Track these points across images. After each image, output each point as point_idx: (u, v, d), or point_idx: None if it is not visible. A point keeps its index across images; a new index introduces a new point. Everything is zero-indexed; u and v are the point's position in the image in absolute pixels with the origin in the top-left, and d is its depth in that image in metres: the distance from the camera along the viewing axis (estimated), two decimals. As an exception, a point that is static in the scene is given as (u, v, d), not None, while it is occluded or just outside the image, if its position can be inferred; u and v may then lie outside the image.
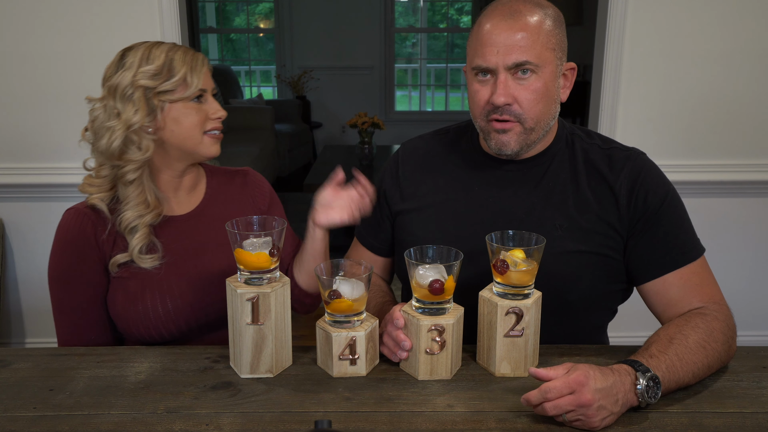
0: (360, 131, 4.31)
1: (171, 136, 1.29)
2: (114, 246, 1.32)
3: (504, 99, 1.21)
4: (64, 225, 1.32)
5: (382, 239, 1.46)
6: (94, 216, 1.31)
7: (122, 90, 1.26)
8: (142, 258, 1.30)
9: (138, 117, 1.25)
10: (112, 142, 1.26)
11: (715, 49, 2.36)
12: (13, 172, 2.44)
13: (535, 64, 1.20)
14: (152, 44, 1.29)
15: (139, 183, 1.30)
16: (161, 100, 1.26)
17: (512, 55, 1.20)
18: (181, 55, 1.28)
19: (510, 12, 1.22)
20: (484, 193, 1.33)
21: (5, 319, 2.58)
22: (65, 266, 1.32)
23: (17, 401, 1.10)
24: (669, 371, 1.07)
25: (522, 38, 1.20)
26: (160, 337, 1.33)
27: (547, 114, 1.25)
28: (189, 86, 1.27)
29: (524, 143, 1.26)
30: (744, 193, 2.50)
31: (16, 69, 2.36)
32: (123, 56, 1.29)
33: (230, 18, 7.26)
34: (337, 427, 1.02)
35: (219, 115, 1.32)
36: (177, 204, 1.39)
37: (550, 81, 1.23)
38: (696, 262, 1.25)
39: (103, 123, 1.27)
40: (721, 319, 1.18)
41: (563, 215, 1.28)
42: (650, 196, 1.26)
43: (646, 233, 1.26)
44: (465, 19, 7.08)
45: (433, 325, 1.12)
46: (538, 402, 1.00)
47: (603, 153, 1.31)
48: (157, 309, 1.31)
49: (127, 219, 1.29)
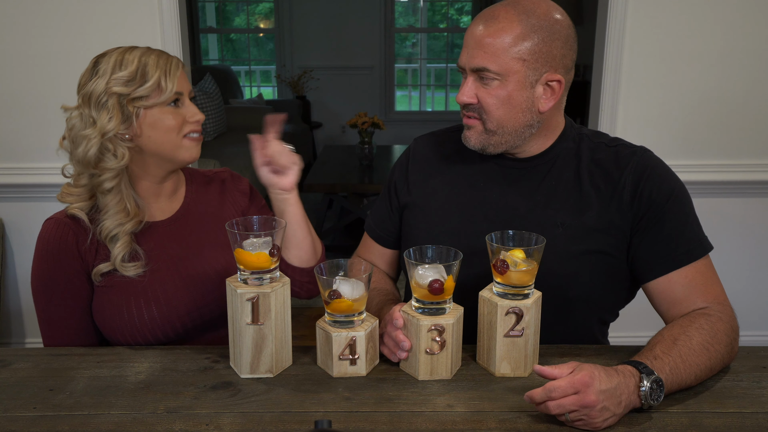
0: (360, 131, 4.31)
1: (148, 142, 1.28)
2: (96, 255, 1.30)
3: (465, 99, 1.26)
4: (44, 235, 1.30)
5: (390, 231, 1.47)
6: (74, 225, 1.29)
7: (96, 97, 1.24)
8: (125, 266, 1.28)
9: (112, 124, 1.23)
10: (87, 150, 1.24)
11: (715, 49, 2.36)
12: (13, 172, 2.44)
13: (496, 72, 1.22)
14: (125, 49, 1.28)
15: (118, 191, 1.28)
16: (136, 106, 1.25)
17: (476, 59, 1.23)
18: (155, 59, 1.26)
19: (490, 16, 1.23)
20: (488, 190, 1.34)
21: (5, 319, 2.58)
22: (47, 276, 1.30)
23: (17, 401, 1.10)
24: (672, 373, 1.07)
25: (488, 45, 1.21)
26: (156, 341, 1.32)
27: (513, 121, 1.26)
28: (163, 91, 1.25)
29: (486, 143, 1.29)
30: (744, 193, 2.50)
31: (15, 69, 2.36)
32: (96, 63, 1.27)
33: (230, 18, 7.26)
34: (337, 427, 1.02)
35: (197, 118, 1.30)
36: (158, 210, 1.37)
37: (516, 90, 1.23)
38: (701, 260, 1.25)
39: (79, 131, 1.26)
40: (725, 320, 1.18)
41: (565, 214, 1.28)
42: (655, 192, 1.25)
43: (650, 230, 1.25)
44: (465, 19, 7.08)
45: (432, 325, 1.12)
46: (541, 400, 1.00)
47: (609, 150, 1.32)
48: (143, 316, 1.29)
49: (107, 228, 1.27)
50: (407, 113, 7.08)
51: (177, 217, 1.38)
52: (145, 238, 1.33)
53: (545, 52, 1.22)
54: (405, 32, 7.14)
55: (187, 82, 1.32)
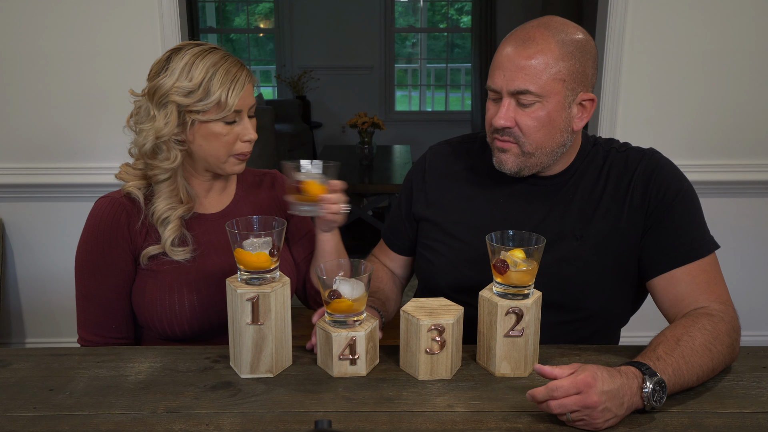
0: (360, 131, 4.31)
1: (199, 150, 1.30)
2: (146, 237, 1.32)
3: (503, 122, 1.24)
4: (97, 213, 1.32)
5: (404, 238, 1.49)
6: (129, 205, 1.32)
7: (159, 96, 1.26)
8: (174, 250, 1.31)
9: (168, 129, 1.26)
10: (144, 143, 1.28)
11: (715, 50, 2.36)
12: (13, 172, 2.44)
13: (538, 94, 1.21)
14: (199, 52, 1.26)
15: (173, 181, 1.31)
16: (193, 117, 1.26)
17: (516, 82, 1.21)
18: (222, 74, 1.25)
19: (525, 38, 1.22)
20: (509, 207, 1.35)
21: (5, 319, 2.58)
22: (96, 254, 1.32)
23: (17, 401, 1.10)
24: (675, 374, 1.07)
25: (528, 66, 1.20)
26: (192, 332, 1.33)
27: (551, 141, 1.26)
28: (222, 108, 1.25)
29: (523, 165, 1.28)
30: (744, 193, 2.50)
31: (15, 69, 2.36)
32: (169, 59, 1.27)
33: (230, 18, 7.26)
34: (337, 427, 1.02)
35: (249, 138, 1.31)
36: (209, 203, 1.40)
37: (555, 111, 1.23)
38: (705, 259, 1.25)
39: (141, 121, 1.29)
40: (727, 321, 1.18)
41: (582, 225, 1.29)
42: (663, 191, 1.27)
43: (658, 227, 1.26)
44: (465, 19, 7.07)
45: (432, 324, 1.12)
46: (543, 399, 1.00)
47: (620, 156, 1.33)
48: (183, 304, 1.31)
49: (159, 210, 1.30)
50: (407, 113, 7.08)
51: (226, 213, 1.40)
52: (194, 227, 1.35)
53: (581, 72, 1.23)
54: (405, 32, 7.13)
55: (250, 97, 1.31)
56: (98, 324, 1.34)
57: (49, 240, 2.50)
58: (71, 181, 2.40)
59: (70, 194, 2.43)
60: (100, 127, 2.41)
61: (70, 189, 2.42)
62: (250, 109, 1.32)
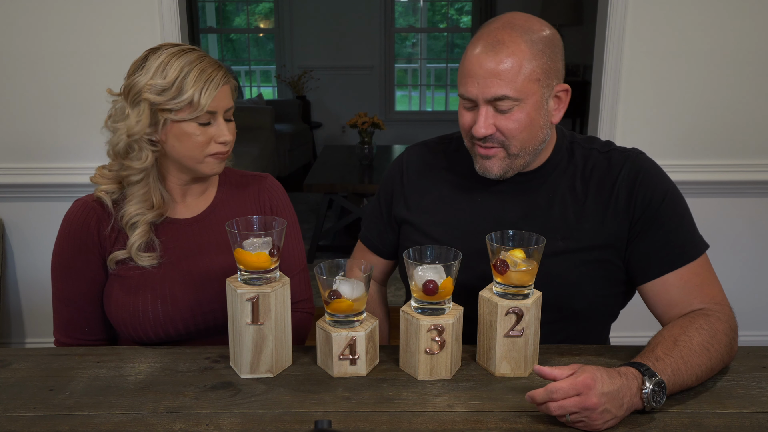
0: (360, 131, 4.31)
1: (172, 151, 1.28)
2: (115, 242, 1.32)
3: (484, 131, 1.22)
4: (69, 216, 1.33)
5: (385, 242, 1.47)
6: (99, 209, 1.32)
7: (133, 94, 1.25)
8: (140, 255, 1.30)
9: (139, 127, 1.24)
10: (117, 143, 1.27)
11: (715, 50, 2.36)
12: (13, 172, 2.44)
13: (515, 98, 1.19)
14: (176, 52, 1.25)
15: (145, 183, 1.30)
16: (165, 116, 1.24)
17: (491, 89, 1.19)
18: (196, 73, 1.23)
19: (494, 42, 1.19)
20: (487, 206, 1.33)
21: (5, 319, 2.58)
22: (67, 256, 1.33)
23: (17, 401, 1.10)
24: (674, 374, 1.07)
25: (502, 72, 1.18)
26: (157, 338, 1.32)
27: (533, 140, 1.25)
28: (195, 108, 1.23)
29: (509, 167, 1.27)
30: (743, 193, 2.50)
31: (15, 69, 2.36)
32: (146, 58, 1.26)
33: (230, 18, 7.26)
34: (337, 427, 1.02)
35: (224, 140, 1.28)
36: (184, 207, 1.38)
37: (534, 110, 1.22)
38: (696, 261, 1.24)
39: (115, 120, 1.28)
40: (723, 320, 1.18)
41: (564, 226, 1.28)
42: (649, 195, 1.25)
43: (646, 233, 1.25)
44: (465, 19, 7.07)
45: (432, 325, 1.12)
46: (542, 401, 1.00)
47: (602, 157, 1.31)
48: (147, 311, 1.29)
49: (128, 214, 1.29)
50: (407, 113, 7.08)
51: (201, 218, 1.38)
52: (164, 233, 1.34)
53: (553, 68, 1.22)
54: (405, 32, 7.13)
55: (227, 99, 1.29)
56: (71, 326, 1.35)
57: (49, 240, 2.47)
58: (71, 181, 2.39)
59: (70, 194, 2.42)
60: (100, 127, 2.40)
61: (71, 189, 2.41)
62: (226, 112, 1.29)
